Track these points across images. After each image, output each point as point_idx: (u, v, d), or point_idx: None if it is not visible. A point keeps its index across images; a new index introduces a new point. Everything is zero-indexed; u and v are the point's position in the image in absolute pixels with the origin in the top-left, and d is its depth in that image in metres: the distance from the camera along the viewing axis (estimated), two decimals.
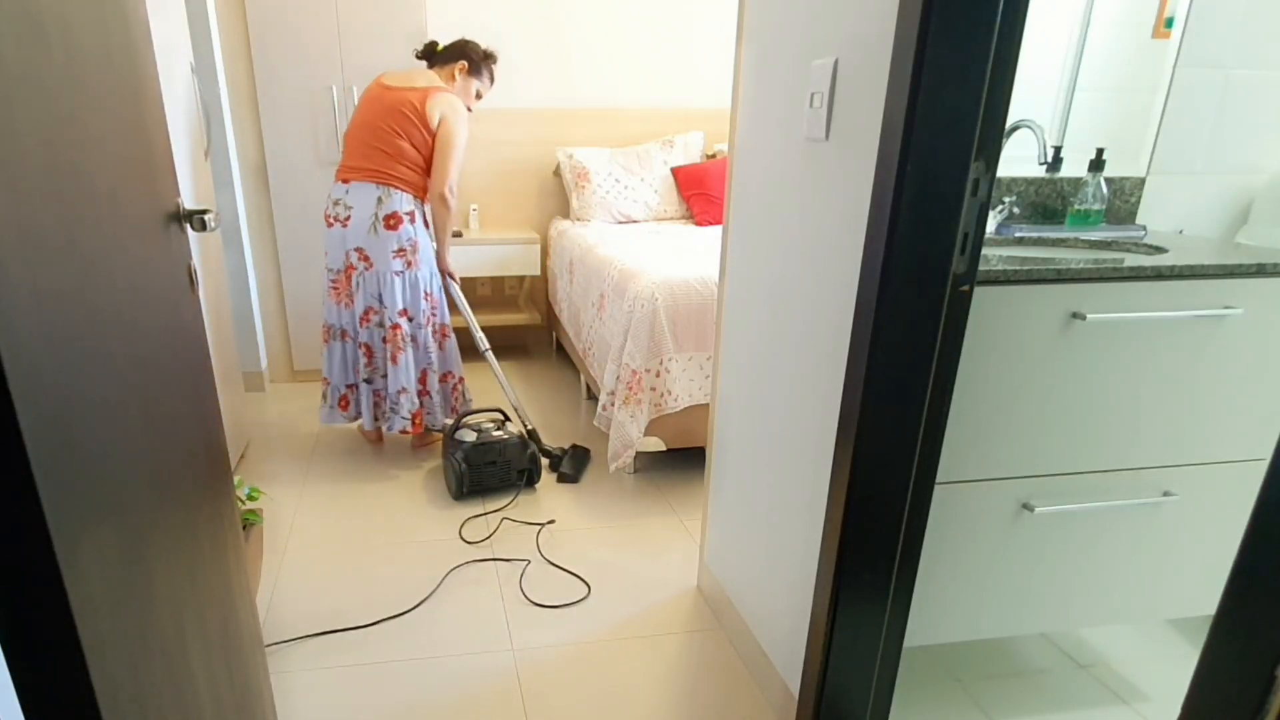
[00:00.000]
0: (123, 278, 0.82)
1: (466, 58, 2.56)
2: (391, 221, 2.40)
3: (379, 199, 2.40)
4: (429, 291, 2.52)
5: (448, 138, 2.43)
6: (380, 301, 2.47)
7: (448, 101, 2.45)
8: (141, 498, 0.82)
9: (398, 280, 2.45)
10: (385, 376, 2.55)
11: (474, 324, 2.75)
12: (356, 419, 2.63)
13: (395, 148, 2.41)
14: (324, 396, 2.60)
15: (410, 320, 2.50)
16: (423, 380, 2.57)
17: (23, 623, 0.62)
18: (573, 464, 2.58)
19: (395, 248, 2.42)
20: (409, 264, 2.45)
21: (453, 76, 2.54)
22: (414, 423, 2.54)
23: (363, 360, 2.53)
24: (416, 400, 2.55)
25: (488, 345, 2.73)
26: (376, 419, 2.60)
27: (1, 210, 0.57)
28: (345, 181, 2.43)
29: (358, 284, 2.46)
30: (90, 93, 0.77)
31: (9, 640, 0.63)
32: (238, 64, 3.02)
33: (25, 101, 0.62)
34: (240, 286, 3.15)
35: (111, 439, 0.75)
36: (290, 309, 3.30)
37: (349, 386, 2.59)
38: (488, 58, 2.62)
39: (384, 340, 2.51)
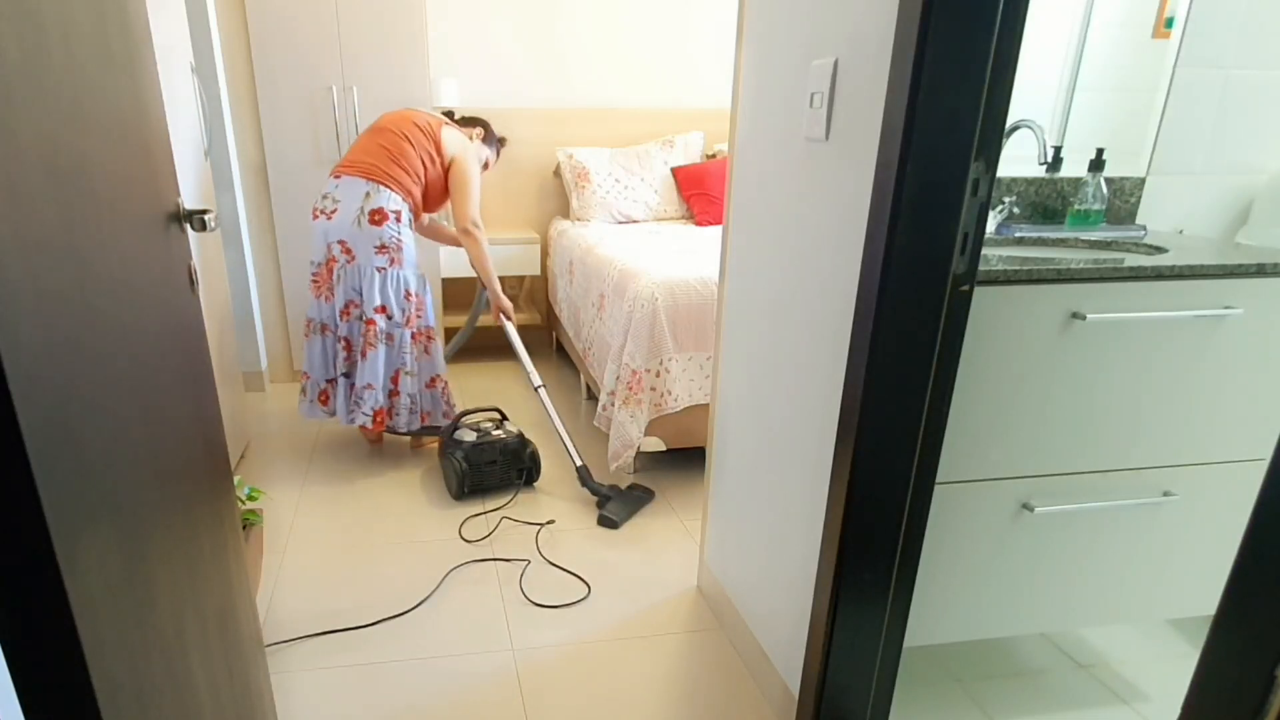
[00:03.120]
0: (123, 277, 0.82)
1: (483, 125, 2.74)
2: (376, 217, 2.40)
3: (366, 194, 2.40)
4: (410, 291, 2.49)
5: (463, 174, 2.53)
6: (360, 295, 2.45)
7: (462, 143, 2.58)
8: (141, 498, 0.82)
9: (378, 276, 2.43)
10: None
11: (527, 361, 2.70)
12: (335, 414, 2.57)
13: (399, 149, 2.45)
14: (303, 391, 2.57)
15: (388, 318, 2.46)
16: (394, 380, 2.51)
17: (23, 623, 0.62)
18: (622, 507, 2.31)
19: (378, 243, 2.41)
20: (392, 261, 2.44)
21: (470, 137, 2.67)
22: (375, 419, 2.49)
23: (342, 354, 2.49)
24: (382, 398, 2.49)
25: (540, 382, 2.65)
26: (351, 413, 2.54)
27: (1, 210, 0.57)
28: (336, 177, 2.45)
29: (339, 277, 2.43)
30: (90, 93, 0.77)
31: (9, 640, 0.63)
32: (238, 64, 3.02)
33: (25, 101, 0.62)
34: (240, 286, 3.15)
35: (111, 439, 0.75)
36: (290, 309, 3.29)
37: (329, 381, 2.56)
38: (502, 140, 2.79)
39: (360, 334, 2.49)
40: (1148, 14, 1.73)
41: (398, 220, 2.43)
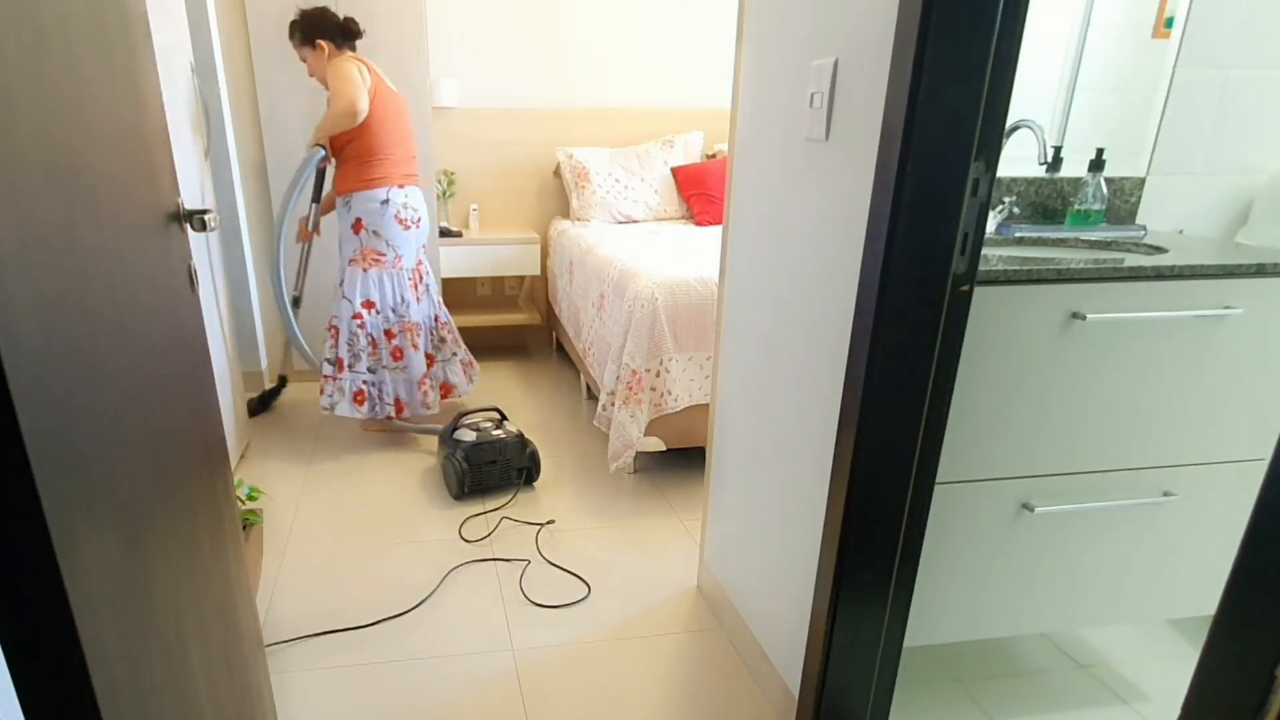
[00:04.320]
0: (123, 278, 0.82)
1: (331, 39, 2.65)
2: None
3: (424, 199, 2.75)
4: None
5: None
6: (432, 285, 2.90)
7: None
8: (141, 498, 0.82)
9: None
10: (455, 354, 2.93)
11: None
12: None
13: (415, 149, 2.76)
14: (418, 386, 2.76)
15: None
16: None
17: (23, 623, 0.62)
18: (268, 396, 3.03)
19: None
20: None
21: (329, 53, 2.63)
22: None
23: (449, 338, 2.90)
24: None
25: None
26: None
27: (1, 211, 0.57)
28: (401, 187, 2.63)
29: (429, 271, 2.85)
30: (90, 93, 0.77)
31: (9, 640, 0.63)
32: (238, 64, 3.02)
33: (25, 102, 0.62)
34: (240, 286, 3.15)
35: (111, 439, 0.75)
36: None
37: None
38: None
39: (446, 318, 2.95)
40: (1148, 14, 1.73)
41: None
